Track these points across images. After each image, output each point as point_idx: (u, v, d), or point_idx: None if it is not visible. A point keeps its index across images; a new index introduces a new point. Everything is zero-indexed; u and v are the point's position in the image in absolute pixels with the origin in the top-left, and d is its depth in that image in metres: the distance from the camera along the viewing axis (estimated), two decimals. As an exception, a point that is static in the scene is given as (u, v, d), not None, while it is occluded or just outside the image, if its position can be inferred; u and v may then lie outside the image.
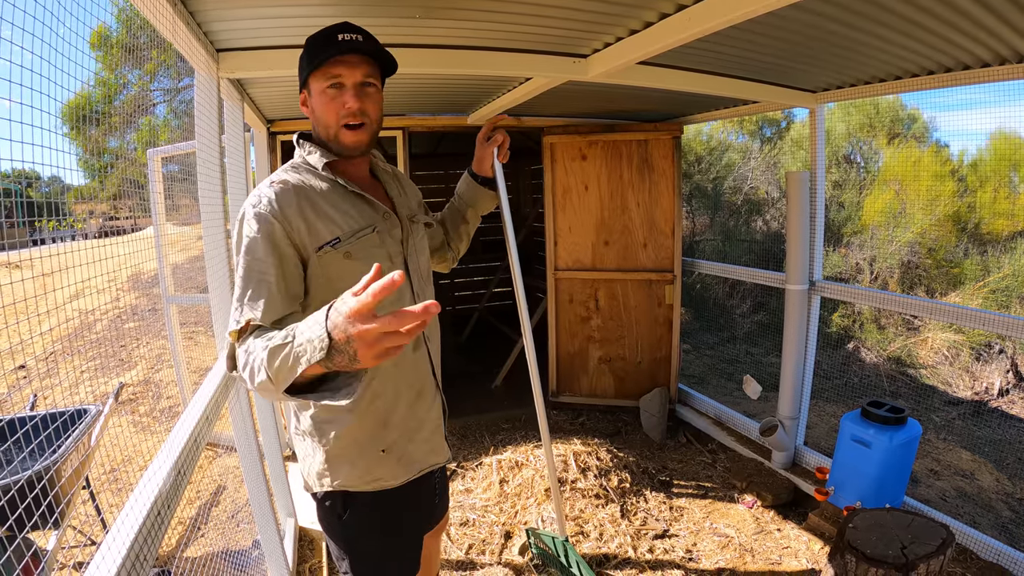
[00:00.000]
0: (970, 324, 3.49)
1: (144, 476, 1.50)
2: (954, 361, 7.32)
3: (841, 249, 8.84)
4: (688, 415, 5.54)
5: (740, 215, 10.16)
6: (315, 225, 1.65)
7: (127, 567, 1.20)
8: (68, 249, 1.91)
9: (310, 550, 3.66)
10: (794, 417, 4.40)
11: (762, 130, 11.49)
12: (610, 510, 3.97)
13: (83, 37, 1.71)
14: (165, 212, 5.08)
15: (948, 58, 3.02)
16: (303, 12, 2.28)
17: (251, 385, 1.39)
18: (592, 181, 5.41)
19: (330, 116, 1.72)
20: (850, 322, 8.23)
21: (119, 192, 5.32)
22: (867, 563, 2.42)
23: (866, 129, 9.79)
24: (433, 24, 2.49)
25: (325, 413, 1.79)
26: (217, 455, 4.94)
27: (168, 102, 13.04)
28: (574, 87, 3.71)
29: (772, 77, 3.68)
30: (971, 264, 8.00)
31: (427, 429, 1.97)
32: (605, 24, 2.55)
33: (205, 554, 3.61)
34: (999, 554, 3.34)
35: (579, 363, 5.77)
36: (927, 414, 6.27)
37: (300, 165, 1.78)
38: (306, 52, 1.74)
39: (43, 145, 1.42)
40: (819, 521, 3.77)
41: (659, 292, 5.45)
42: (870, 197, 9.04)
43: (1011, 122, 8.17)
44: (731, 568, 3.50)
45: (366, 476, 1.83)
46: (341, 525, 1.87)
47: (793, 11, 2.33)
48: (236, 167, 3.17)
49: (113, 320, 9.40)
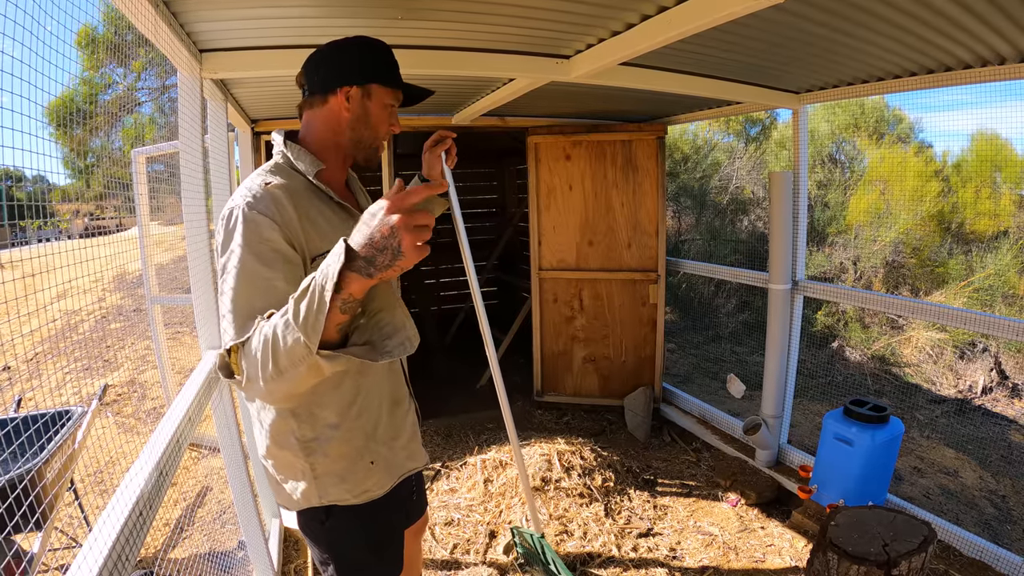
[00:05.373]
0: (953, 324, 3.53)
1: (126, 477, 1.50)
2: (938, 359, 7.36)
3: (826, 248, 8.88)
4: (672, 414, 5.56)
5: (726, 215, 10.18)
6: (310, 233, 1.62)
7: (108, 568, 1.20)
8: (54, 250, 1.90)
9: (295, 550, 3.65)
10: (778, 416, 4.42)
11: (747, 130, 11.52)
12: (594, 509, 3.98)
13: (71, 30, 1.70)
14: (150, 212, 5.07)
15: (930, 60, 3.05)
16: (287, 13, 2.28)
17: (270, 371, 1.32)
18: (576, 181, 5.43)
19: (384, 129, 1.83)
20: (834, 321, 8.27)
21: (104, 192, 5.29)
22: (849, 561, 2.44)
23: (851, 129, 9.83)
24: (415, 25, 2.50)
25: (310, 432, 1.74)
26: (202, 456, 4.93)
27: (154, 100, 12.96)
28: (558, 88, 3.72)
29: (755, 78, 3.70)
30: (955, 263, 8.05)
31: (405, 436, 1.97)
32: (587, 26, 2.56)
33: (190, 555, 3.60)
34: (982, 551, 3.37)
35: (564, 362, 5.79)
36: (911, 412, 6.31)
37: (283, 167, 1.73)
38: (381, 60, 1.79)
39: (28, 149, 1.42)
40: (802, 519, 3.79)
41: (643, 292, 5.47)
42: (855, 197, 9.08)
43: (992, 123, 8.24)
44: (715, 566, 3.52)
45: (355, 489, 1.81)
46: (324, 530, 1.85)
47: (774, 13, 2.34)
48: (220, 167, 3.16)
49: (98, 321, 9.34)
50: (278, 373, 1.32)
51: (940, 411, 6.41)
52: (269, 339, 1.31)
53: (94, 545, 1.22)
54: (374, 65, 1.75)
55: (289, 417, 1.73)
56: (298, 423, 1.73)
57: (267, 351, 1.31)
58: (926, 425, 6.00)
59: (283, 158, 1.75)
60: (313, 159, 1.74)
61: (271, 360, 1.31)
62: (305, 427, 1.74)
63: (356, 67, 1.74)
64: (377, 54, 1.77)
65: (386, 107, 1.79)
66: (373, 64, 1.75)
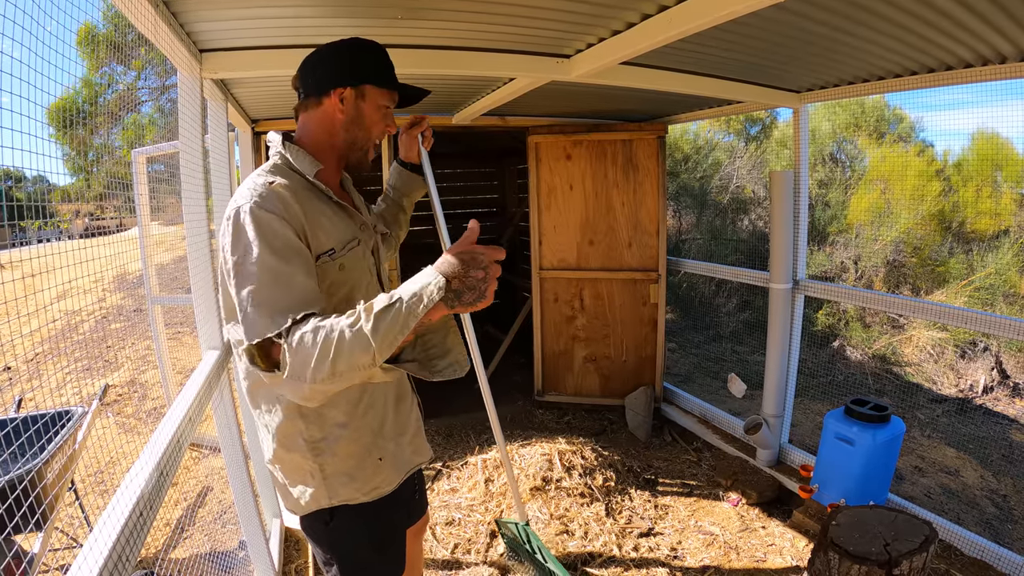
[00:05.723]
0: (954, 323, 3.52)
1: (126, 477, 1.50)
2: (939, 359, 7.36)
3: (827, 248, 8.87)
4: (673, 413, 5.56)
5: (727, 214, 10.18)
6: (315, 231, 1.63)
7: (109, 568, 1.19)
8: (54, 250, 1.89)
9: (296, 550, 3.65)
10: (779, 415, 4.42)
11: (747, 129, 11.51)
12: (595, 509, 3.98)
13: (71, 31, 1.69)
14: (151, 212, 5.06)
15: (931, 59, 3.04)
16: (286, 13, 2.27)
17: (325, 372, 1.33)
18: (577, 181, 5.42)
19: (378, 130, 1.83)
20: (835, 320, 8.26)
21: (104, 192, 5.29)
22: (850, 560, 2.43)
23: (851, 128, 9.82)
24: (415, 25, 2.49)
25: (318, 432, 1.75)
26: (203, 456, 4.92)
27: (155, 100, 12.96)
28: (558, 87, 3.71)
29: (755, 77, 3.70)
30: (956, 262, 8.04)
31: (410, 431, 1.99)
32: (588, 25, 2.56)
33: (191, 555, 3.60)
34: (983, 550, 3.36)
35: (564, 362, 5.79)
36: (912, 411, 6.30)
37: (282, 167, 1.72)
38: (375, 61, 1.79)
39: (29, 150, 1.42)
40: (803, 518, 3.79)
41: (644, 291, 5.47)
42: (856, 196, 9.08)
43: (992, 122, 8.25)
44: (716, 566, 3.52)
45: (365, 487, 1.82)
46: (328, 531, 1.85)
47: (775, 12, 2.34)
48: (220, 167, 3.15)
49: (99, 321, 9.34)
50: (332, 375, 1.34)
51: (941, 410, 6.41)
52: (333, 343, 1.33)
53: (94, 546, 1.22)
54: (368, 66, 1.76)
55: (297, 418, 1.74)
56: (306, 424, 1.74)
57: (326, 354, 1.33)
58: (927, 424, 5.99)
59: (281, 159, 1.75)
60: (312, 160, 1.74)
61: (329, 363, 1.33)
62: (313, 428, 1.75)
63: (349, 69, 1.75)
64: (371, 55, 1.77)
65: (380, 108, 1.80)
66: (367, 65, 1.76)
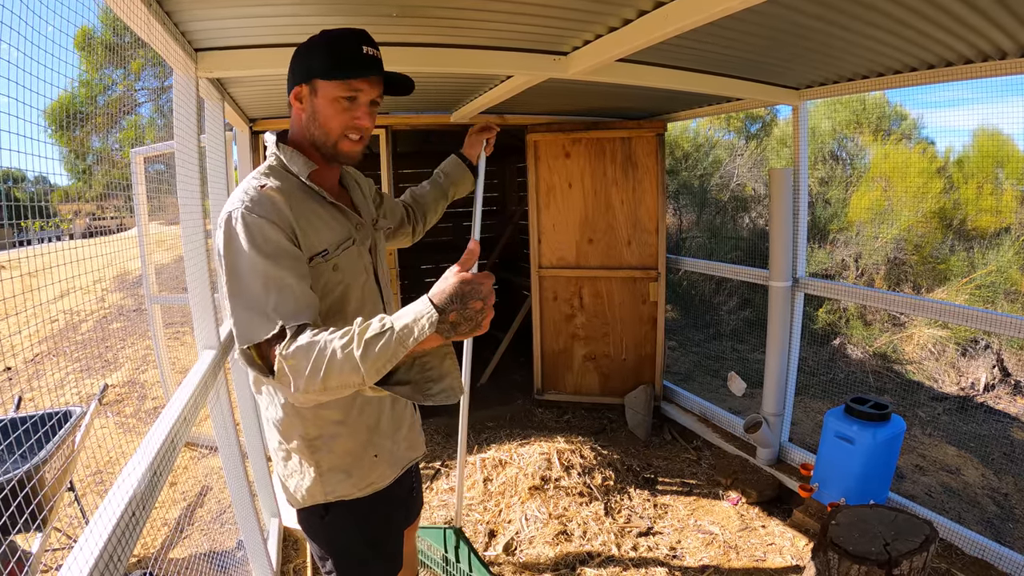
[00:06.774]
0: (955, 321, 3.52)
1: (119, 477, 1.50)
2: (940, 357, 7.35)
3: (827, 245, 8.86)
4: (673, 412, 5.55)
5: (727, 212, 10.17)
6: (307, 233, 1.62)
7: (100, 568, 1.19)
8: (53, 249, 1.89)
9: (294, 550, 3.65)
10: (779, 414, 4.41)
11: (747, 127, 11.51)
12: (594, 508, 3.97)
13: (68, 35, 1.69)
14: (150, 212, 5.06)
15: (930, 55, 3.03)
16: (282, 11, 2.26)
17: (317, 385, 1.34)
18: (576, 179, 5.41)
19: (335, 124, 1.69)
20: (836, 318, 8.25)
21: (104, 192, 5.29)
22: (850, 560, 2.42)
23: (852, 126, 9.81)
24: (411, 23, 2.48)
25: (315, 430, 1.77)
26: (201, 456, 4.92)
27: (154, 100, 12.95)
28: (556, 85, 3.70)
29: (754, 74, 3.68)
30: (957, 260, 8.03)
31: (406, 426, 2.01)
32: (584, 22, 2.54)
33: (189, 555, 3.60)
34: (984, 550, 3.36)
35: (564, 361, 5.78)
36: (913, 410, 6.29)
37: (277, 169, 1.71)
38: (324, 53, 1.66)
39: (28, 152, 1.41)
40: (803, 517, 3.78)
41: (643, 289, 5.46)
42: (856, 194, 9.06)
43: (994, 119, 8.23)
44: (715, 565, 3.51)
45: (361, 483, 1.84)
46: (323, 526, 1.87)
47: (771, 7, 2.32)
48: (217, 167, 3.15)
49: (99, 320, 9.34)
50: (323, 389, 1.34)
51: (942, 408, 6.39)
52: (325, 360, 1.33)
53: (85, 545, 1.22)
54: (316, 60, 1.67)
55: (294, 416, 1.76)
56: (302, 421, 1.76)
57: (318, 370, 1.33)
58: (928, 423, 5.98)
59: (276, 160, 1.74)
60: (306, 160, 1.72)
61: (320, 377, 1.33)
62: (310, 425, 1.77)
63: (302, 65, 1.70)
64: (323, 48, 1.67)
65: (335, 101, 1.67)
66: (315, 59, 1.67)
